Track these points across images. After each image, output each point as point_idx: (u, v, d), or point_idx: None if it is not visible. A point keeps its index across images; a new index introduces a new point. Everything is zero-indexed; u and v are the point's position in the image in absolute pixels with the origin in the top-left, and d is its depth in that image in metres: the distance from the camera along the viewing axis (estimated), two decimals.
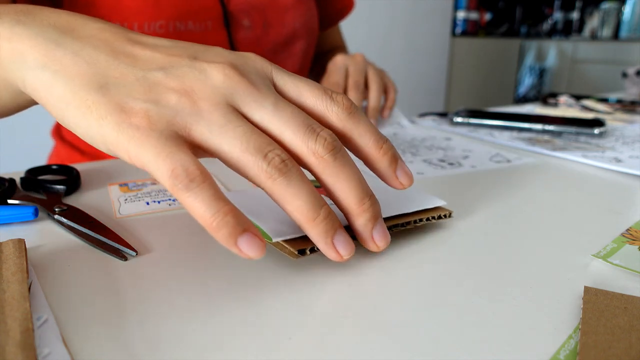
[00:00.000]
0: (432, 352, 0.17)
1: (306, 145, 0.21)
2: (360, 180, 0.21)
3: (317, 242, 0.21)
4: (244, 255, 0.18)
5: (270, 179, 0.20)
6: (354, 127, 0.23)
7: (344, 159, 0.21)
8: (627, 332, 0.17)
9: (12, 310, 0.17)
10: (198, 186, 0.18)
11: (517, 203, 0.31)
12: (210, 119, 0.20)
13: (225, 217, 0.18)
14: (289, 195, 0.20)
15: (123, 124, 0.19)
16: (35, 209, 0.26)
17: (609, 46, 2.74)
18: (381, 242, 0.22)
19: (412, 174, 0.24)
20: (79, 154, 0.56)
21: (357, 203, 0.21)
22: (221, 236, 0.18)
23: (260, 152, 0.20)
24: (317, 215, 0.20)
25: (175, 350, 0.17)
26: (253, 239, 0.18)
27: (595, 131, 0.50)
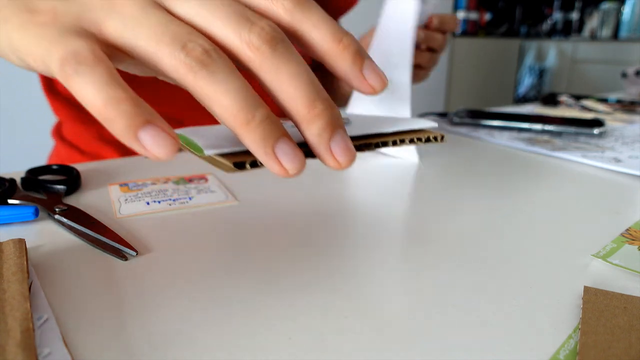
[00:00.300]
0: (432, 352, 0.17)
1: (239, 37, 0.17)
2: (309, 79, 0.17)
3: (254, 151, 0.17)
4: (149, 153, 0.16)
5: (190, 72, 0.16)
6: (304, 18, 0.18)
7: (287, 52, 0.17)
8: (627, 332, 0.17)
9: (13, 309, 0.17)
10: (88, 69, 0.16)
11: (517, 203, 0.31)
12: (124, 11, 0.17)
13: (120, 105, 0.15)
14: (214, 91, 0.16)
15: (27, 23, 0.17)
16: (35, 209, 0.26)
17: (609, 46, 2.75)
18: (342, 157, 0.18)
19: (384, 75, 0.19)
20: (79, 154, 0.56)
21: (306, 106, 0.17)
22: (117, 129, 0.15)
23: (177, 42, 0.16)
24: (251, 117, 0.16)
25: (175, 350, 0.17)
26: (158, 132, 0.16)
27: (594, 131, 0.50)
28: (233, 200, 0.31)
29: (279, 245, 0.25)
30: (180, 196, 0.31)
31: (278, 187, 0.34)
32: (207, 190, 0.33)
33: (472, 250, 0.25)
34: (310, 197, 0.32)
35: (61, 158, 0.57)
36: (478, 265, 0.23)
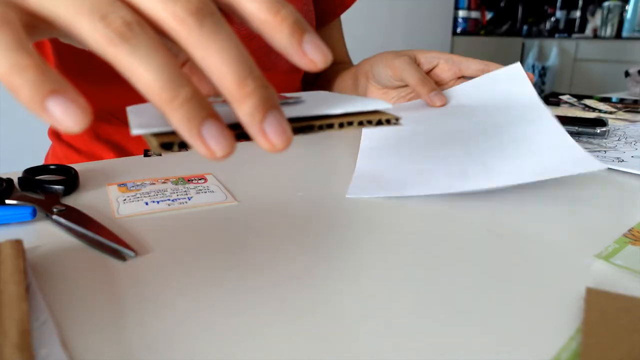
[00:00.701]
0: (432, 352, 0.17)
1: (164, 8, 0.16)
2: (240, 55, 0.16)
3: (180, 130, 0.16)
4: (59, 125, 0.15)
5: (110, 45, 0.15)
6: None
7: (216, 25, 0.16)
8: (630, 334, 0.17)
9: (10, 311, 0.17)
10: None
11: (519, 203, 0.31)
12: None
13: (25, 72, 0.15)
14: (137, 66, 0.15)
15: None
16: (33, 210, 0.26)
17: (611, 45, 2.74)
18: (277, 138, 0.17)
19: (327, 50, 0.18)
20: (76, 154, 0.55)
21: (236, 84, 0.16)
22: (23, 98, 0.15)
23: (97, 12, 0.16)
24: (175, 96, 0.15)
25: (175, 350, 0.17)
26: (67, 102, 0.15)
27: (597, 131, 0.50)
28: (232, 200, 0.31)
29: (278, 245, 0.25)
30: (179, 196, 0.31)
31: (277, 187, 0.34)
32: (206, 190, 0.33)
33: (473, 251, 0.24)
34: (310, 196, 0.32)
35: (58, 158, 0.57)
36: (479, 265, 0.23)
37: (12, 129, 1.30)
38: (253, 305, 0.20)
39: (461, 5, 2.87)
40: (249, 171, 0.37)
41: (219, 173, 0.36)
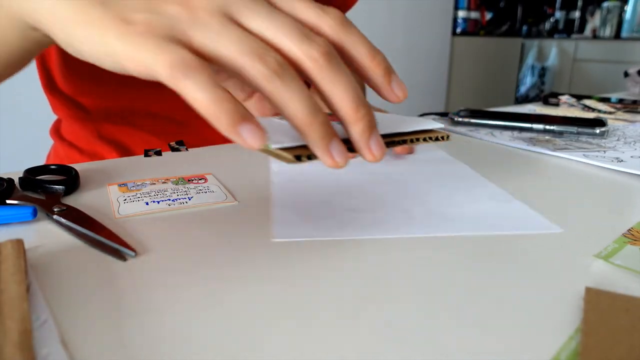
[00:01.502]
0: (432, 353, 0.17)
1: (301, 50, 0.21)
2: (356, 89, 0.21)
3: (313, 146, 0.21)
4: (245, 143, 0.19)
5: (267, 80, 0.20)
6: (346, 37, 0.23)
7: (339, 65, 0.21)
8: (629, 333, 0.17)
9: (11, 310, 0.17)
10: (196, 72, 0.19)
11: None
12: (207, 25, 0.21)
13: (227, 105, 0.19)
14: (286, 98, 0.20)
15: (126, 33, 0.20)
16: (33, 209, 0.26)
17: (611, 45, 2.74)
18: (377, 152, 0.22)
19: (405, 88, 0.24)
20: (78, 153, 0.55)
21: (353, 109, 0.21)
22: (224, 123, 0.19)
23: (256, 55, 0.20)
24: (314, 120, 0.20)
25: (175, 350, 0.17)
26: (253, 128, 0.19)
27: (596, 131, 0.50)
28: (232, 200, 0.31)
29: (278, 245, 0.25)
30: (179, 196, 0.31)
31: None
32: (206, 190, 0.33)
33: (473, 250, 0.24)
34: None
35: (60, 157, 0.57)
36: (479, 265, 0.23)
37: (13, 128, 1.30)
38: (253, 305, 0.20)
39: (461, 5, 2.87)
40: (248, 171, 0.37)
41: (219, 173, 0.36)
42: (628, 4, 2.78)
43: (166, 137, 0.53)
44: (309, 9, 0.23)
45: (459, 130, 0.54)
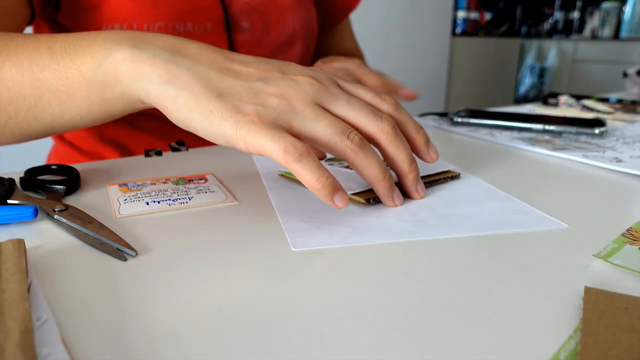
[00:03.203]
0: (432, 352, 0.17)
1: (376, 125, 0.29)
2: (410, 150, 0.30)
3: (382, 194, 0.29)
4: (335, 206, 0.26)
5: (353, 152, 0.27)
6: (399, 116, 0.31)
7: (400, 135, 0.30)
8: (628, 333, 0.17)
9: (12, 310, 0.17)
10: (306, 158, 0.25)
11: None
12: (304, 113, 0.27)
13: (327, 181, 0.25)
14: (366, 163, 0.28)
15: (241, 121, 0.25)
16: (34, 209, 0.26)
17: (610, 46, 2.74)
18: (422, 193, 0.31)
19: (437, 152, 0.33)
20: (78, 154, 0.55)
21: (409, 165, 0.30)
22: (324, 194, 0.25)
23: (344, 134, 0.27)
24: (384, 177, 0.28)
25: (175, 350, 0.17)
26: (343, 195, 0.26)
27: (595, 131, 0.50)
28: (233, 200, 0.31)
29: (279, 244, 0.25)
30: (179, 196, 0.31)
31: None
32: (206, 190, 0.33)
33: (472, 250, 0.25)
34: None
35: (60, 157, 0.57)
36: (478, 265, 0.23)
37: None
38: (254, 305, 0.20)
39: (460, 6, 2.87)
40: (248, 172, 0.37)
41: (219, 173, 0.36)
42: (627, 4, 2.79)
43: (167, 138, 0.53)
44: (370, 95, 0.31)
45: (459, 131, 0.54)
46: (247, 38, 0.52)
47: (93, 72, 0.29)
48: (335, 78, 0.31)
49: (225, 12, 0.49)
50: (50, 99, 0.30)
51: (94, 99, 0.30)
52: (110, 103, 0.30)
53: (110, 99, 0.30)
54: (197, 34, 0.49)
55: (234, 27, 0.51)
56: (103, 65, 0.29)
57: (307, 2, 0.57)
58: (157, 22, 0.46)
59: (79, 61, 0.29)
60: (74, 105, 0.30)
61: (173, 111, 0.27)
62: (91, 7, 0.46)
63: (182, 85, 0.27)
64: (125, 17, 0.46)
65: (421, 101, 2.33)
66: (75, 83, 0.30)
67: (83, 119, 0.32)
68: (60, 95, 0.30)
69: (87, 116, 0.31)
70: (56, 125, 0.32)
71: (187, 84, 0.27)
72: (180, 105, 0.27)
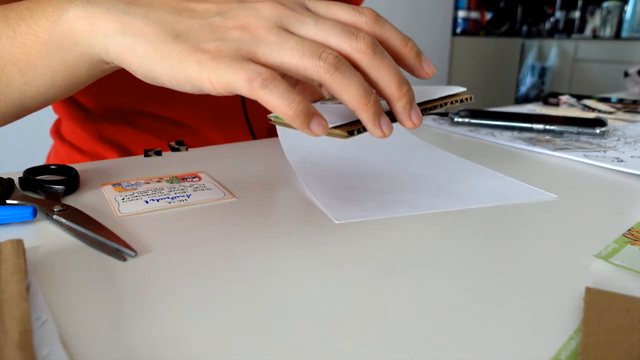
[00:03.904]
0: (432, 352, 0.17)
1: (350, 45, 0.25)
2: (398, 70, 0.26)
3: (367, 122, 0.25)
4: (313, 134, 0.24)
5: (328, 73, 0.24)
6: (381, 31, 0.27)
7: (382, 52, 0.26)
8: (629, 333, 0.17)
9: (11, 310, 0.17)
10: (272, 83, 0.23)
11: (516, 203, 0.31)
12: (268, 40, 0.24)
13: (299, 106, 0.23)
14: (345, 85, 0.24)
15: (202, 60, 0.24)
16: (33, 209, 0.26)
17: (611, 45, 2.74)
18: (417, 120, 0.27)
19: (433, 66, 0.28)
20: (78, 154, 0.55)
21: (397, 88, 0.26)
22: (298, 122, 0.23)
23: (315, 54, 0.24)
24: (368, 101, 0.24)
25: (175, 350, 0.17)
26: (319, 121, 0.24)
27: (596, 131, 0.50)
28: (231, 197, 0.31)
29: (280, 244, 0.25)
30: (177, 194, 0.31)
31: (273, 184, 0.34)
32: (202, 187, 0.33)
33: (473, 250, 0.24)
34: (307, 193, 0.32)
35: (60, 157, 0.57)
36: (479, 265, 0.23)
37: (13, 128, 1.30)
38: (254, 304, 0.20)
39: (461, 5, 2.87)
40: (237, 170, 0.37)
41: (212, 171, 0.36)
42: (628, 4, 2.78)
43: (166, 138, 0.52)
44: (346, 11, 0.27)
45: (459, 131, 0.54)
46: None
47: (49, 34, 0.27)
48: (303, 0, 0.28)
49: None
50: (12, 71, 0.29)
51: (55, 65, 0.28)
52: (73, 68, 0.28)
53: (72, 63, 0.28)
54: None
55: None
56: (57, 25, 0.27)
57: None
58: None
59: (34, 25, 0.28)
60: (36, 74, 0.29)
61: (134, 64, 0.25)
62: None
63: (138, 34, 0.25)
64: None
65: None
66: (33, 49, 0.28)
67: (50, 90, 0.30)
68: (21, 65, 0.29)
69: (53, 85, 0.30)
70: (25, 100, 0.31)
71: (143, 31, 0.25)
72: (139, 55, 0.25)
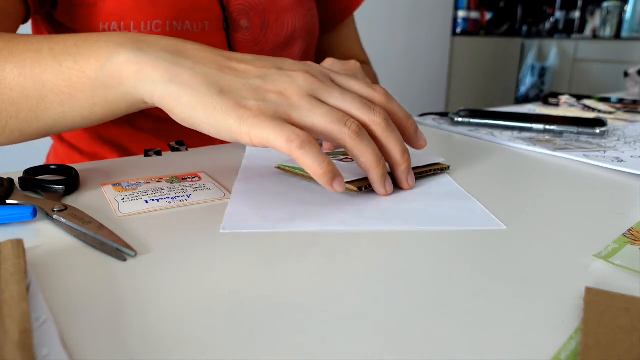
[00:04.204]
0: (432, 352, 0.17)
1: (368, 118, 0.30)
2: (402, 141, 0.32)
3: (375, 181, 0.30)
4: (334, 190, 0.28)
5: (350, 139, 0.28)
6: (390, 106, 0.32)
7: (392, 126, 0.31)
8: (629, 333, 0.17)
9: (11, 310, 0.17)
10: (308, 145, 0.26)
11: (518, 203, 0.31)
12: (301, 106, 0.28)
13: (328, 167, 0.27)
14: (363, 150, 0.29)
15: (244, 116, 0.27)
16: (33, 209, 0.26)
17: (611, 45, 2.74)
18: (412, 183, 0.33)
19: (425, 139, 0.34)
20: (78, 154, 0.55)
21: (401, 156, 0.31)
22: (325, 180, 0.27)
23: (341, 122, 0.28)
24: (379, 165, 0.30)
25: (175, 350, 0.17)
26: (341, 180, 0.28)
27: (596, 131, 0.50)
28: (231, 197, 0.31)
29: (282, 244, 0.25)
30: (177, 194, 0.31)
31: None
32: (202, 187, 0.33)
33: (472, 250, 0.24)
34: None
35: (60, 158, 0.57)
36: (478, 265, 0.23)
37: None
38: (254, 304, 0.20)
39: (461, 5, 2.87)
40: (236, 170, 0.37)
41: (212, 171, 0.36)
42: (628, 4, 2.78)
43: (166, 138, 0.52)
44: (363, 87, 0.32)
45: (459, 131, 0.54)
46: (245, 37, 0.52)
47: (96, 73, 0.29)
48: (328, 72, 0.32)
49: (223, 11, 0.49)
50: (52, 100, 0.31)
51: (97, 100, 0.30)
52: (113, 104, 0.31)
53: (113, 100, 0.30)
54: (196, 32, 0.49)
55: (232, 26, 0.51)
56: (106, 66, 0.29)
57: (307, 2, 0.57)
58: (155, 20, 0.46)
59: (82, 62, 0.30)
60: (76, 106, 0.31)
61: (177, 109, 0.28)
62: (89, 5, 0.46)
63: (185, 84, 0.28)
64: (123, 15, 0.46)
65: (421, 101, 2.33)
66: (78, 84, 0.30)
67: (85, 119, 0.32)
68: (63, 97, 0.30)
69: (90, 117, 0.32)
70: (57, 126, 0.32)
71: (189, 82, 0.28)
72: (183, 103, 0.28)
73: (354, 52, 0.70)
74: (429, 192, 0.33)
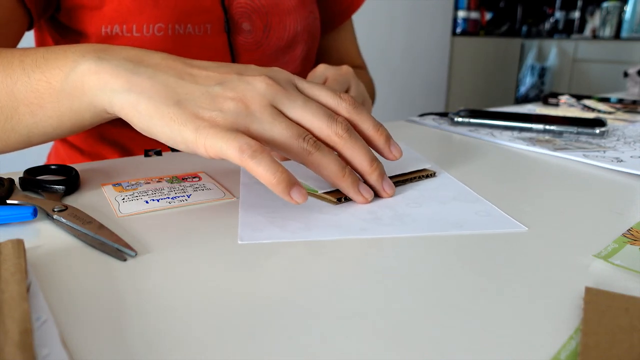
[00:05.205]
0: (432, 352, 0.17)
1: (330, 129, 0.29)
2: (369, 150, 0.30)
3: (347, 191, 0.29)
4: (293, 201, 0.26)
5: (308, 154, 0.28)
6: (357, 116, 0.31)
7: (356, 136, 0.30)
8: (629, 333, 0.17)
9: (11, 310, 0.17)
10: (260, 154, 0.25)
11: (518, 203, 0.31)
12: (262, 118, 0.28)
13: (282, 175, 0.25)
14: (323, 163, 0.28)
15: (200, 127, 0.26)
16: (34, 209, 0.26)
17: (610, 45, 2.74)
18: (390, 191, 0.31)
19: (401, 149, 0.32)
20: (79, 154, 0.55)
21: (369, 165, 0.30)
22: (280, 189, 0.26)
23: (300, 137, 0.28)
24: (344, 173, 0.29)
25: (175, 350, 0.17)
26: (300, 190, 0.26)
27: (596, 131, 0.50)
28: (231, 197, 0.31)
29: (282, 244, 0.25)
30: (177, 194, 0.31)
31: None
32: (202, 187, 0.33)
33: (472, 250, 0.24)
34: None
35: (60, 158, 0.57)
36: (478, 265, 0.23)
37: None
38: (254, 304, 0.20)
39: (461, 5, 2.87)
40: (237, 170, 0.37)
41: (212, 171, 0.36)
42: (628, 4, 2.78)
43: None
44: (329, 96, 0.31)
45: (459, 131, 0.54)
46: (248, 40, 0.52)
47: (61, 84, 0.30)
48: (293, 79, 0.32)
49: (225, 14, 0.49)
50: (24, 111, 0.31)
51: (64, 110, 0.30)
52: (78, 114, 0.31)
53: (78, 110, 0.30)
54: (198, 35, 0.48)
55: (234, 29, 0.51)
56: (70, 77, 0.29)
57: (309, 4, 0.57)
58: (158, 23, 0.46)
59: (48, 74, 0.30)
60: (46, 116, 0.31)
61: (135, 118, 0.28)
62: (91, 8, 0.46)
63: (142, 93, 0.27)
64: (125, 18, 0.46)
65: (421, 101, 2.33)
66: (45, 95, 0.30)
67: (56, 130, 0.32)
68: (33, 108, 0.31)
69: (59, 127, 0.32)
70: (32, 136, 0.33)
71: (147, 91, 0.27)
72: (141, 112, 0.27)
73: (351, 56, 0.70)
74: (438, 195, 0.32)
